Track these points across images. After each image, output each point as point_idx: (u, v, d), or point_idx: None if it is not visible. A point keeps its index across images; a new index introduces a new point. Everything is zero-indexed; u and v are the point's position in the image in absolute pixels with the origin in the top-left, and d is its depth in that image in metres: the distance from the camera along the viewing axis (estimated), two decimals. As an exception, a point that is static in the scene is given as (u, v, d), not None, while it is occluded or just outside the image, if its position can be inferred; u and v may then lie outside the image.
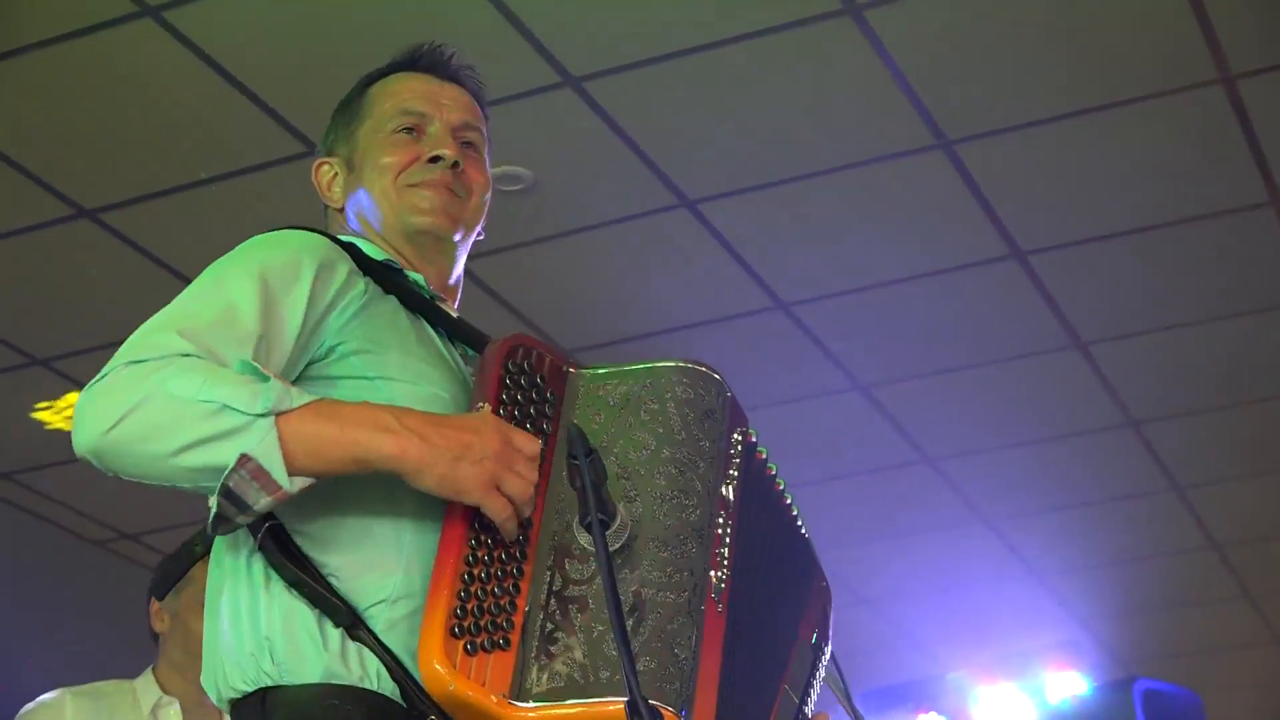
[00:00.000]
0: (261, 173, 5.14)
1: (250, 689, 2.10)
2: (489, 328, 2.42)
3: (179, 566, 3.85)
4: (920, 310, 6.04)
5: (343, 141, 2.49)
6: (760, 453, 2.35)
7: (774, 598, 2.35)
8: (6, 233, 5.41)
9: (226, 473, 1.96)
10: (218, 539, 2.19)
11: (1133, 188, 5.41)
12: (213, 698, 2.19)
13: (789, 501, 2.44)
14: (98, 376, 2.02)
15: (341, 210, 2.45)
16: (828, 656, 2.51)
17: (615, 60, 4.80)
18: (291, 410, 1.98)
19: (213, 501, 1.99)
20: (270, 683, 2.08)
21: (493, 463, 2.01)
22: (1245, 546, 7.86)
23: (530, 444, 2.08)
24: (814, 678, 2.46)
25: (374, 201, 2.40)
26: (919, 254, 5.75)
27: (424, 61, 2.51)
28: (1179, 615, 8.57)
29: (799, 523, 2.47)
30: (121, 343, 2.09)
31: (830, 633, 2.52)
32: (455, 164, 2.40)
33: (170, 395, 1.96)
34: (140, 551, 7.39)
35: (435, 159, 2.40)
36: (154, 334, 2.05)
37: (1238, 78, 4.89)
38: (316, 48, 4.66)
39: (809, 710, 2.41)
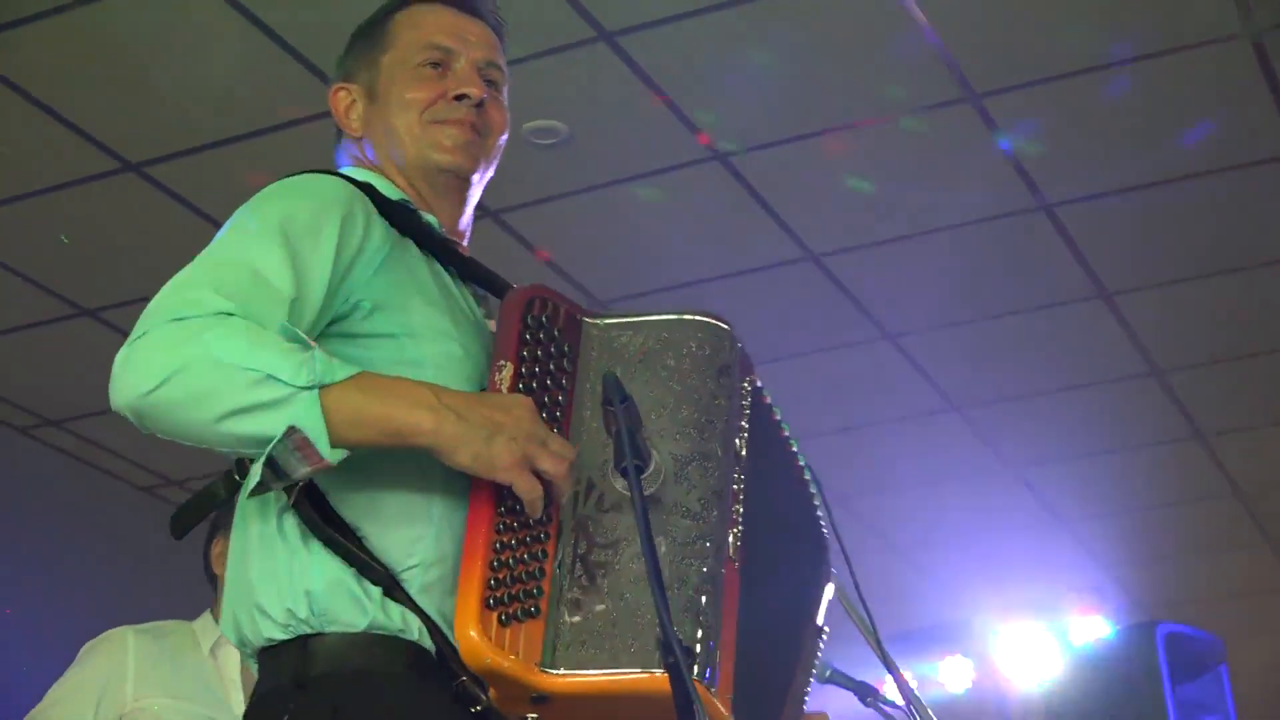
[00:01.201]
0: (301, 126, 5.14)
1: (287, 638, 2.09)
2: (523, 279, 2.37)
3: (203, 509, 3.89)
4: (949, 261, 6.02)
5: (363, 68, 2.44)
6: (765, 396, 2.33)
7: (781, 548, 2.33)
8: (54, 186, 5.43)
9: (273, 443, 1.94)
10: (243, 496, 2.17)
11: (1155, 141, 5.38)
12: (234, 642, 2.19)
13: (793, 447, 2.42)
14: (138, 332, 1.99)
15: (359, 139, 2.41)
16: (826, 637, 2.49)
17: (648, 15, 4.78)
18: (335, 383, 1.96)
19: (256, 468, 1.98)
20: (310, 631, 2.08)
21: (525, 442, 2.00)
22: (1268, 494, 7.84)
23: (565, 447, 2.05)
24: (816, 659, 2.46)
25: (396, 135, 2.36)
26: (947, 206, 5.73)
27: None
28: (1202, 561, 8.56)
29: (801, 464, 2.44)
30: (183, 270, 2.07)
31: (826, 614, 2.49)
32: (480, 103, 2.36)
33: (215, 360, 1.94)
34: (185, 497, 7.42)
35: (461, 96, 2.36)
36: (192, 289, 2.02)
37: (1263, 32, 4.86)
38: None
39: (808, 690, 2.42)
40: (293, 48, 4.85)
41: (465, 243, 2.43)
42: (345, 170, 2.38)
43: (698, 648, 2.01)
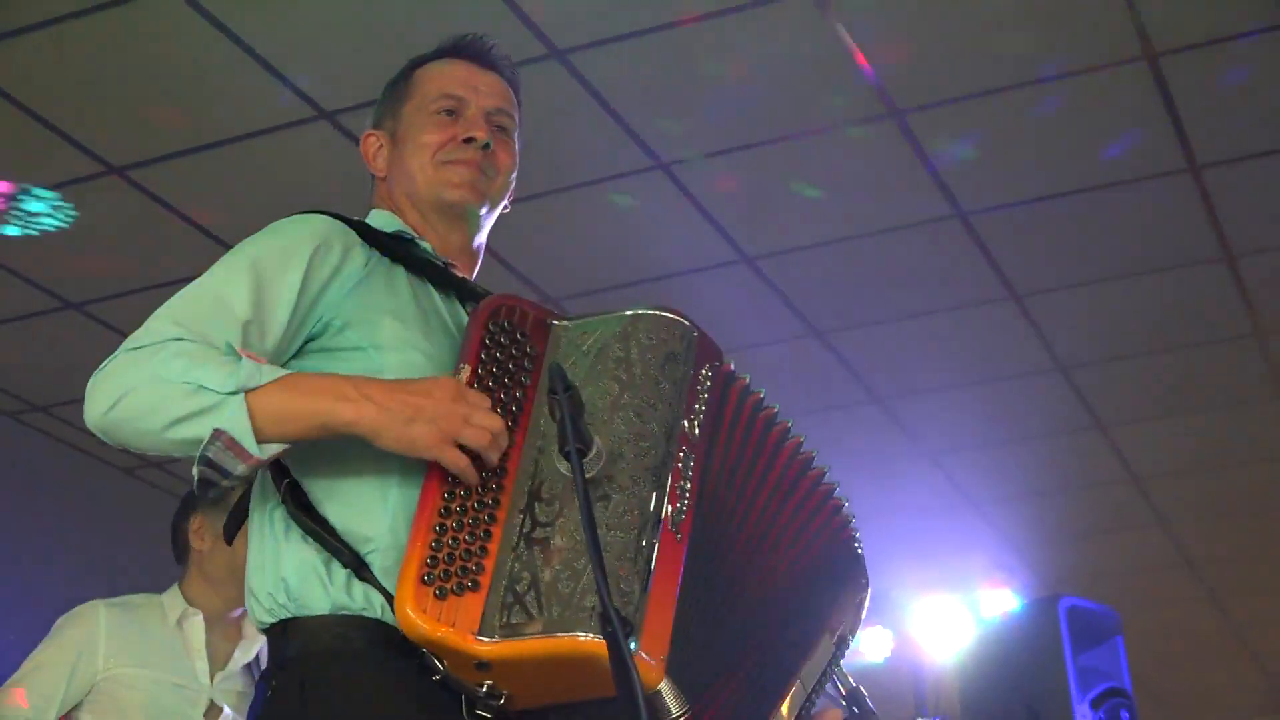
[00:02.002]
0: (273, 135, 5.12)
1: (273, 620, 2.18)
2: (487, 282, 2.45)
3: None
4: (873, 264, 6.03)
5: (389, 117, 2.53)
6: (742, 379, 2.36)
7: (760, 525, 2.32)
8: (42, 188, 5.39)
9: (204, 444, 2.02)
10: (254, 492, 2.27)
11: (1063, 155, 5.40)
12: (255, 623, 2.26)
13: (780, 424, 2.44)
14: (105, 362, 2.10)
15: (384, 179, 2.49)
16: (848, 651, 2.47)
17: (597, 35, 4.77)
18: (260, 386, 2.04)
19: (195, 470, 2.05)
20: (288, 615, 2.15)
21: (445, 421, 2.05)
22: (1161, 479, 7.90)
23: (483, 399, 2.10)
24: (831, 670, 2.45)
25: (411, 174, 2.45)
26: (871, 213, 5.74)
27: (467, 50, 2.55)
28: (1100, 540, 8.61)
29: (793, 441, 2.47)
30: (144, 289, 2.12)
31: (859, 628, 2.52)
32: (486, 145, 2.45)
33: (158, 378, 2.04)
34: (165, 478, 7.39)
35: (469, 140, 2.44)
36: (154, 321, 2.13)
37: (1159, 55, 4.88)
38: (324, 20, 4.63)
39: (815, 704, 2.41)
40: (264, 60, 4.82)
41: (477, 264, 2.52)
42: (372, 213, 2.48)
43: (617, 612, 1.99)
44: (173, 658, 4.01)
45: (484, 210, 2.48)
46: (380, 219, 2.44)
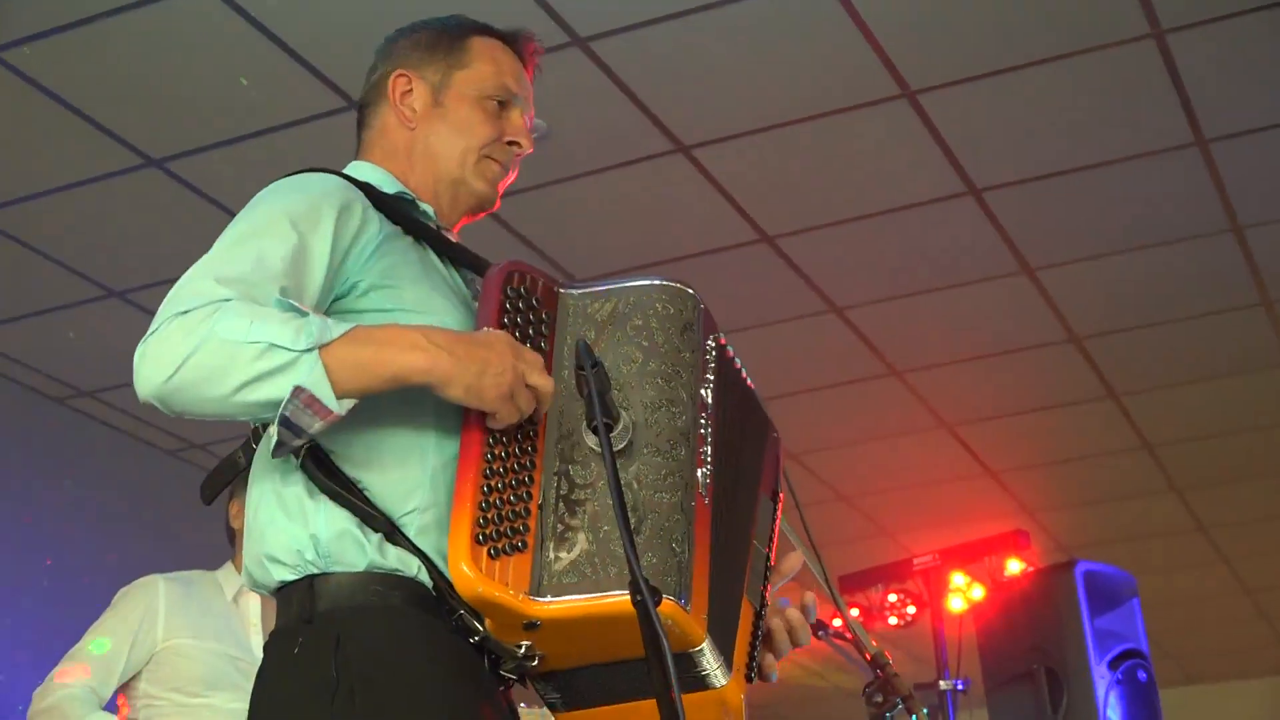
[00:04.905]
0: (306, 125, 5.13)
1: (296, 578, 2.10)
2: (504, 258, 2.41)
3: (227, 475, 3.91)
4: (889, 241, 6.03)
5: (432, 70, 2.41)
6: (729, 351, 2.33)
7: (742, 476, 2.33)
8: (85, 180, 5.42)
9: (283, 404, 1.94)
10: (257, 458, 2.19)
11: (1075, 130, 5.39)
12: (248, 585, 2.20)
13: (752, 388, 2.40)
14: (151, 329, 1.99)
15: (413, 129, 2.39)
16: (783, 502, 2.48)
17: (617, 22, 4.77)
18: (332, 341, 1.96)
19: (273, 430, 1.97)
20: (316, 571, 2.08)
21: (510, 374, 2.01)
22: (1173, 446, 7.88)
23: (536, 357, 2.07)
24: (774, 523, 2.44)
25: (446, 150, 2.37)
26: (887, 191, 5.73)
27: (518, 46, 2.48)
28: (1115, 507, 8.61)
29: (758, 399, 2.43)
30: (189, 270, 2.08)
31: (781, 480, 2.48)
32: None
33: (221, 339, 1.93)
34: (207, 459, 7.43)
35: (513, 143, 2.41)
36: (195, 283, 2.01)
37: (1166, 32, 4.86)
38: (352, 10, 4.64)
39: (773, 557, 2.40)
40: (297, 54, 4.83)
41: (457, 229, 2.44)
42: (355, 164, 2.39)
43: (670, 576, 2.00)
44: (229, 631, 4.05)
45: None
46: (374, 176, 2.33)
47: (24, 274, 5.96)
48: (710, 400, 2.21)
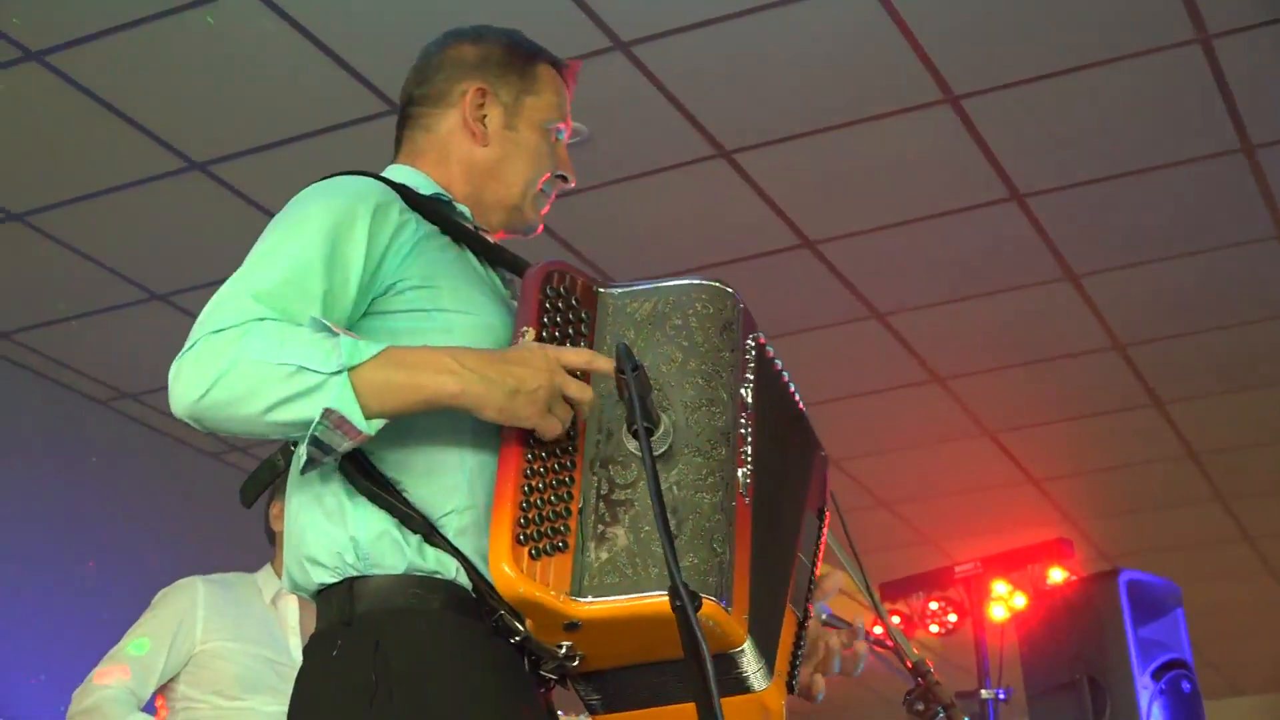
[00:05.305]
0: (348, 129, 5.14)
1: (336, 580, 2.10)
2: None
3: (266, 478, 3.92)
4: (932, 247, 6.01)
5: (507, 90, 2.39)
6: (768, 351, 2.32)
7: (784, 479, 2.32)
8: (129, 183, 5.45)
9: (313, 425, 1.96)
10: (295, 461, 2.18)
11: (1120, 136, 5.36)
12: (288, 587, 2.20)
13: (793, 390, 2.40)
14: (186, 345, 2.00)
15: (482, 145, 2.37)
16: (829, 520, 2.48)
17: (660, 26, 4.77)
18: (362, 363, 1.97)
19: (302, 450, 1.99)
20: (356, 574, 2.08)
21: (545, 391, 2.01)
22: (1218, 455, 7.82)
23: (579, 356, 2.07)
24: (820, 540, 2.44)
25: (515, 174, 2.38)
26: (930, 197, 5.71)
27: (567, 76, 2.47)
28: (1160, 516, 8.55)
29: (799, 403, 2.43)
30: (226, 280, 2.08)
31: (828, 498, 2.49)
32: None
33: (251, 361, 1.95)
34: (249, 462, 7.45)
35: (562, 177, 2.44)
36: (231, 300, 2.03)
37: (1214, 37, 4.83)
38: (393, 13, 4.65)
39: (818, 570, 2.40)
40: (340, 58, 4.85)
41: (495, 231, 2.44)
42: (393, 167, 2.39)
43: (711, 577, 1.99)
44: (267, 633, 4.06)
45: None
46: (411, 178, 2.32)
47: (68, 276, 6.00)
48: (750, 399, 2.20)
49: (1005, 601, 6.61)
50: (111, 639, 4.04)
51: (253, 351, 1.96)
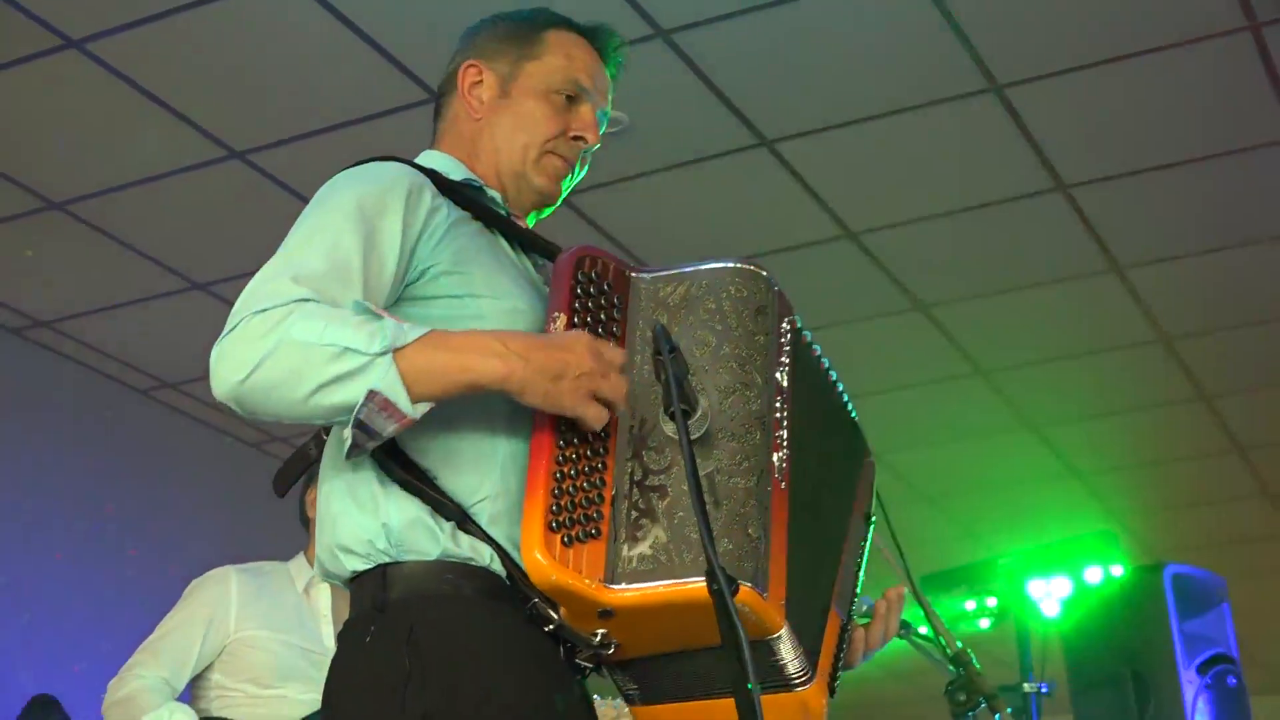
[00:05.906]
0: (388, 117, 5.14)
1: (369, 567, 2.08)
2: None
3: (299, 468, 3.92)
4: (975, 238, 5.97)
5: (503, 60, 2.39)
6: (805, 336, 2.30)
7: (825, 467, 2.30)
8: (168, 172, 5.47)
9: (357, 408, 1.93)
10: (328, 451, 2.18)
11: (1165, 126, 5.31)
12: (321, 575, 2.19)
13: (834, 378, 2.39)
14: (227, 328, 1.98)
15: (478, 120, 2.38)
16: (874, 525, 2.46)
17: (701, 14, 4.75)
18: (407, 345, 1.95)
19: (347, 433, 1.96)
20: (389, 560, 2.07)
21: (588, 378, 1.99)
22: (1265, 449, 7.76)
23: (618, 355, 2.05)
24: (865, 546, 2.42)
25: (509, 143, 2.35)
26: (974, 187, 5.67)
27: (598, 40, 2.44)
28: (1205, 511, 8.49)
29: (839, 388, 2.41)
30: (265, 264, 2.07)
31: (874, 503, 2.47)
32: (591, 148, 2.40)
33: (296, 342, 1.93)
34: (288, 452, 7.44)
35: (578, 138, 2.37)
36: (272, 282, 2.00)
37: (1262, 25, 4.78)
38: (434, 2, 4.64)
39: (862, 575, 2.38)
40: (380, 46, 4.84)
41: (526, 215, 2.42)
42: (425, 152, 2.38)
43: (746, 562, 1.97)
44: (300, 622, 4.06)
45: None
46: (442, 163, 2.32)
47: (107, 266, 6.02)
48: (785, 383, 2.18)
49: (1049, 596, 6.58)
50: (152, 627, 4.06)
51: (296, 333, 1.93)
